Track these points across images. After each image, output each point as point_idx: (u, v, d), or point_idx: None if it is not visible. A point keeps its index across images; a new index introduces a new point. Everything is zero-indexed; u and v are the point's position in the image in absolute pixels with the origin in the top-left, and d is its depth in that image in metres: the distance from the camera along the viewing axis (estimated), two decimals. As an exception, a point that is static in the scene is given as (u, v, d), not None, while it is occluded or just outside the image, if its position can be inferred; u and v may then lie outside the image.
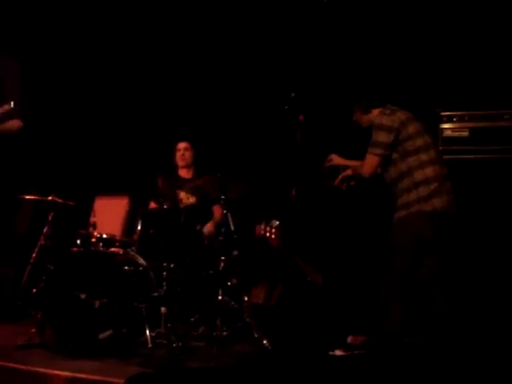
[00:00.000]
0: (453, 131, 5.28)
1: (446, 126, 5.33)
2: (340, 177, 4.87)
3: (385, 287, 4.51)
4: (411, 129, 4.53)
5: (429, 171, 4.46)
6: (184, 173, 6.17)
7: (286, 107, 5.44)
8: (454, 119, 5.34)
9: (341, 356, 4.55)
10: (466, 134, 5.30)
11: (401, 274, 4.46)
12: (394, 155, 4.54)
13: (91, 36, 7.02)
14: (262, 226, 5.32)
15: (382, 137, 4.52)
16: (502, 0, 5.63)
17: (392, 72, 5.94)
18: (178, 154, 6.15)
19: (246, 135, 6.68)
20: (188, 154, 6.14)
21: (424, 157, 4.49)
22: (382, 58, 6.01)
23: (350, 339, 4.86)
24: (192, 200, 5.93)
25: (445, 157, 5.06)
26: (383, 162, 4.59)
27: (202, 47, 6.85)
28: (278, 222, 5.30)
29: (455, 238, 5.04)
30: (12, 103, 4.89)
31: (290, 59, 6.46)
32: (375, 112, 4.68)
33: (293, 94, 5.45)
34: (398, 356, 4.28)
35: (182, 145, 6.16)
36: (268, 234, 5.30)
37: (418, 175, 4.46)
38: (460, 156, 5.20)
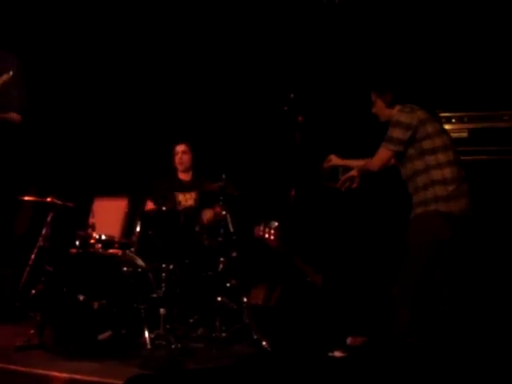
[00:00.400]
0: (452, 132, 5.26)
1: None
2: (343, 178, 4.84)
3: (397, 287, 4.43)
4: (430, 128, 4.48)
5: (447, 172, 4.40)
6: (183, 175, 6.15)
7: (286, 108, 5.43)
8: (453, 120, 5.33)
9: (340, 357, 4.54)
10: (465, 134, 5.30)
11: (414, 275, 4.38)
12: (411, 151, 4.49)
13: (92, 40, 7.02)
14: (261, 227, 5.32)
15: (397, 133, 4.47)
16: (502, 0, 5.62)
17: (390, 73, 5.93)
18: (176, 158, 6.12)
19: (245, 136, 6.67)
20: (186, 158, 6.11)
21: (442, 157, 4.43)
22: (380, 58, 6.01)
23: (349, 340, 4.85)
24: (190, 202, 5.92)
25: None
26: (397, 157, 4.57)
27: (201, 48, 6.85)
28: (276, 223, 5.30)
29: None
30: (11, 73, 4.89)
31: (290, 60, 6.46)
32: (396, 108, 4.63)
33: (292, 95, 5.45)
34: (397, 357, 4.28)
35: (179, 148, 6.12)
36: (267, 235, 5.30)
37: (436, 175, 4.40)
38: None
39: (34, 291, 5.32)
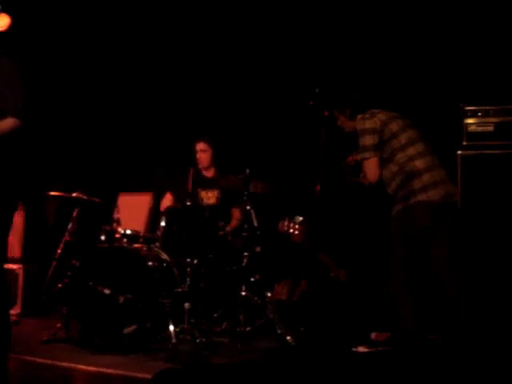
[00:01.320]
0: (477, 126, 5.20)
1: (470, 120, 5.25)
2: (362, 173, 4.85)
3: (392, 282, 4.53)
4: (394, 127, 4.55)
5: (419, 163, 4.48)
6: (205, 172, 6.11)
7: (311, 103, 5.42)
8: (479, 114, 5.25)
9: (364, 353, 4.53)
10: (490, 128, 5.22)
11: (402, 269, 4.46)
12: (384, 155, 4.56)
13: (105, 35, 7.06)
14: (286, 223, 5.31)
15: (368, 140, 4.54)
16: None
17: (416, 67, 5.89)
18: (196, 156, 6.05)
19: (271, 131, 6.66)
20: (205, 156, 6.03)
21: (411, 151, 4.51)
22: (406, 53, 5.97)
23: (373, 336, 4.83)
24: (213, 200, 5.91)
25: (469, 152, 5.00)
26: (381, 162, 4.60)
27: (228, 43, 6.85)
28: (301, 218, 5.29)
29: (479, 232, 4.98)
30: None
31: (315, 55, 6.44)
32: (358, 118, 4.69)
33: (317, 90, 5.43)
34: (421, 353, 4.25)
35: (198, 146, 6.03)
36: (291, 231, 5.29)
37: (410, 169, 4.47)
38: (485, 151, 5.11)
39: (60, 285, 5.40)
